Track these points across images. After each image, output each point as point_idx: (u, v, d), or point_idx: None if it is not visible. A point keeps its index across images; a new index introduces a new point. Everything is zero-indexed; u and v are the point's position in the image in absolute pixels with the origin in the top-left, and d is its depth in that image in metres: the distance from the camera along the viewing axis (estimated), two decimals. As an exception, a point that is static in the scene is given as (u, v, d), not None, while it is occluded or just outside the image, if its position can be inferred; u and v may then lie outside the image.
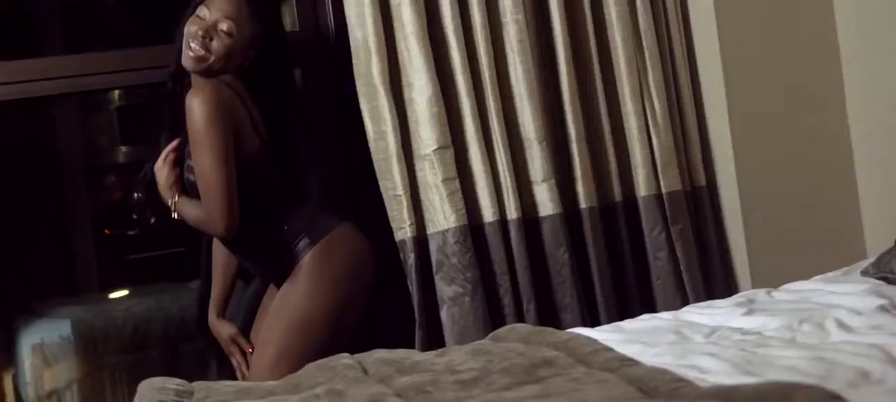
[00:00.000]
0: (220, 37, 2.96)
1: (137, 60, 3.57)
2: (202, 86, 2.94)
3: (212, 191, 2.91)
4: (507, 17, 3.33)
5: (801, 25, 3.54)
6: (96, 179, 5.61)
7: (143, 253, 5.51)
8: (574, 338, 2.27)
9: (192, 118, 2.90)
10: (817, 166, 3.55)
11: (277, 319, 3.02)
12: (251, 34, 3.01)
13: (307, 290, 2.99)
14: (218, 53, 2.96)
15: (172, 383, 2.31)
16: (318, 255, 3.01)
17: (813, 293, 2.57)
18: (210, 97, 2.90)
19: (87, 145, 5.55)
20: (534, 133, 3.33)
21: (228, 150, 2.93)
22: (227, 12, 2.97)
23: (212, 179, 2.91)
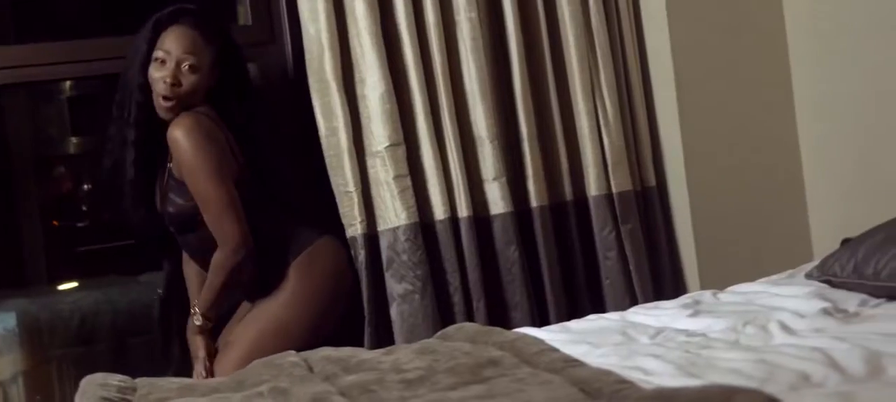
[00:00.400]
0: (186, 75, 2.99)
1: (89, 51, 3.54)
2: (182, 117, 2.97)
3: (221, 212, 2.97)
4: (461, 15, 3.33)
5: (752, 28, 3.57)
6: (46, 169, 5.55)
7: (92, 245, 5.45)
8: (520, 338, 2.27)
9: (180, 149, 2.95)
10: (766, 169, 3.58)
11: (252, 324, 3.07)
12: (210, 59, 3.04)
13: (286, 299, 3.06)
14: (187, 92, 2.99)
15: (115, 379, 2.29)
16: (299, 267, 3.08)
17: (758, 295, 2.59)
18: (193, 126, 2.95)
19: (37, 136, 5.48)
20: (486, 131, 3.33)
21: (223, 168, 2.98)
22: (186, 48, 3.00)
23: (218, 201, 2.97)
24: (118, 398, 2.18)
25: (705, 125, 3.51)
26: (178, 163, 2.99)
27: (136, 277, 4.92)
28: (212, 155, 2.96)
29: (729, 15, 3.55)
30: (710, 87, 3.52)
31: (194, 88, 3.01)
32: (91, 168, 5.65)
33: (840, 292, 2.46)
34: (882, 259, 2.35)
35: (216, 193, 2.96)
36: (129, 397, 2.20)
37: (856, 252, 2.44)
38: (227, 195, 2.98)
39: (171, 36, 3.02)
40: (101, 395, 2.17)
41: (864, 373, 1.81)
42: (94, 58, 3.53)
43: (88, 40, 3.60)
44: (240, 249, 3.00)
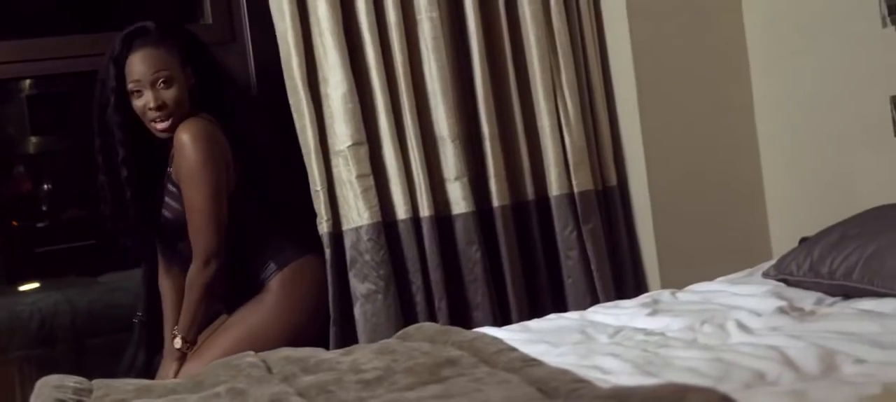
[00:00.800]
0: (164, 91, 3.02)
1: (48, 49, 3.52)
2: (192, 122, 3.01)
3: (205, 224, 3.01)
4: (422, 14, 3.32)
5: (712, 29, 3.59)
6: (4, 169, 5.50)
7: (51, 246, 5.41)
8: (479, 338, 2.27)
9: (185, 154, 2.98)
10: (726, 169, 3.60)
11: (228, 330, 3.09)
12: (179, 63, 3.07)
13: (264, 310, 3.10)
14: (173, 106, 3.02)
15: (71, 380, 2.27)
16: (283, 281, 3.13)
17: (716, 294, 2.60)
18: (200, 133, 2.99)
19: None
20: (447, 131, 3.33)
21: (221, 186, 3.02)
22: (154, 67, 3.02)
23: (206, 213, 3.00)
24: (73, 400, 2.16)
25: (666, 125, 3.53)
26: (179, 165, 3.02)
27: (95, 277, 4.88)
28: (213, 168, 3.01)
29: (689, 15, 3.56)
30: (671, 87, 3.54)
31: (178, 99, 3.04)
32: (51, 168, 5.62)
33: (796, 291, 2.48)
34: (837, 258, 2.37)
35: (207, 205, 3.00)
36: (84, 398, 2.19)
37: (812, 251, 2.46)
38: (217, 211, 3.02)
39: (135, 63, 3.03)
40: (57, 397, 2.15)
41: (818, 371, 1.83)
42: (54, 56, 3.51)
43: (48, 38, 3.58)
44: (211, 261, 3.03)
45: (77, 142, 5.64)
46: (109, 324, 4.26)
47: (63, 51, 3.50)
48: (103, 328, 4.24)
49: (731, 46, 3.60)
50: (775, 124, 3.56)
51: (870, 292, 2.27)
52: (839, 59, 3.26)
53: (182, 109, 3.06)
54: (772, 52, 3.53)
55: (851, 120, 3.25)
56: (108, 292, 4.41)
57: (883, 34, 3.06)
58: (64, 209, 5.58)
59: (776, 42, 3.51)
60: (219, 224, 3.03)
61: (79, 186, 5.69)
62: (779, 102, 3.53)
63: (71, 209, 5.61)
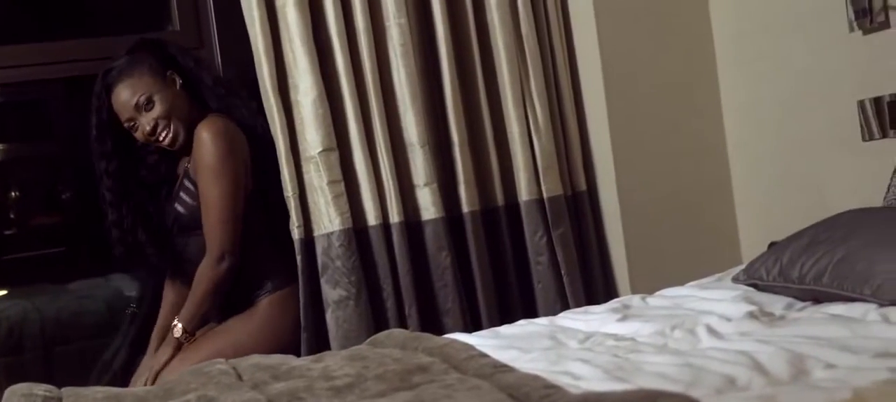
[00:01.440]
0: (153, 110, 3.09)
1: (18, 56, 3.50)
2: (212, 119, 3.07)
3: (222, 220, 3.05)
4: (390, 20, 3.32)
5: (679, 32, 3.61)
6: (-28, 177, 5.48)
7: (20, 253, 5.37)
8: (450, 344, 2.27)
9: (204, 150, 3.04)
10: (695, 173, 3.62)
11: (212, 342, 3.11)
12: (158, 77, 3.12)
13: (251, 330, 3.12)
14: (164, 118, 3.10)
15: (40, 389, 2.25)
16: (276, 302, 3.17)
17: (686, 299, 2.61)
18: (221, 130, 3.05)
19: (-37, 143, 5.42)
20: (416, 137, 3.33)
21: (238, 183, 3.07)
22: (134, 94, 3.09)
23: (223, 209, 3.05)
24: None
25: (634, 130, 3.54)
26: (198, 160, 3.07)
27: (64, 285, 4.85)
28: (232, 165, 3.06)
29: (656, 19, 3.58)
30: (639, 91, 3.55)
31: (166, 111, 3.10)
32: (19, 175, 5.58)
33: (766, 296, 2.49)
34: (807, 262, 2.37)
35: (224, 201, 3.05)
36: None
37: (781, 256, 2.47)
38: (233, 208, 3.07)
39: (117, 102, 3.12)
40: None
41: (788, 376, 1.83)
42: (23, 63, 3.49)
43: (17, 45, 3.56)
44: (225, 257, 3.07)
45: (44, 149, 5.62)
46: (78, 332, 4.24)
47: (32, 58, 3.49)
48: (72, 336, 4.22)
49: (699, 51, 3.62)
50: (744, 129, 3.58)
51: (839, 297, 2.28)
52: (807, 63, 3.28)
53: (179, 114, 3.12)
54: (740, 57, 3.55)
55: (820, 124, 3.27)
56: (77, 300, 4.39)
57: (850, 38, 3.09)
58: (32, 216, 5.55)
59: (744, 46, 3.53)
60: (234, 222, 3.07)
61: (47, 194, 5.67)
62: (747, 106, 3.55)
63: (39, 216, 5.58)
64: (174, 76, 3.16)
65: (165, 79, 3.13)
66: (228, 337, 3.08)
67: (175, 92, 3.14)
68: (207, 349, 3.03)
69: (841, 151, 3.21)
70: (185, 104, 3.15)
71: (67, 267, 5.17)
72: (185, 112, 3.14)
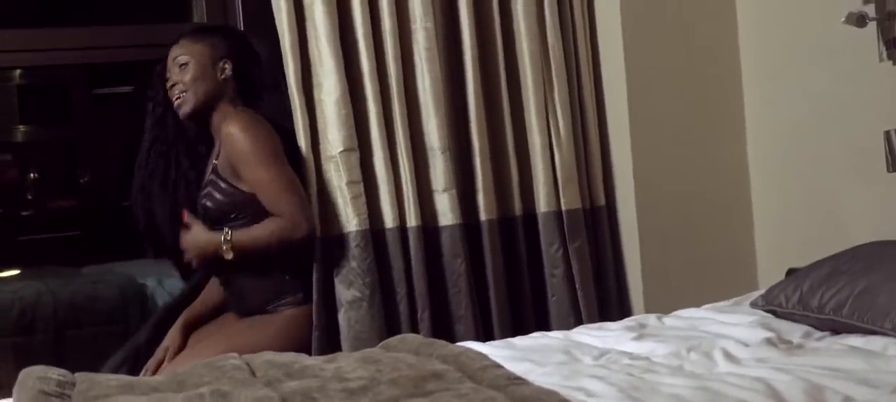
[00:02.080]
0: (180, 71, 3.16)
1: (43, 41, 3.51)
2: (237, 115, 3.12)
3: (283, 193, 3.07)
4: (417, 23, 3.32)
5: (706, 52, 3.59)
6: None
7: (35, 235, 5.40)
8: (464, 352, 2.26)
9: (235, 143, 3.08)
10: (715, 194, 3.60)
11: (227, 339, 3.09)
12: (209, 51, 3.19)
13: (272, 336, 3.08)
14: (186, 84, 3.15)
15: (54, 372, 2.25)
16: (299, 316, 3.16)
17: (702, 322, 2.60)
18: (248, 123, 3.09)
19: (-17, 122, 5.44)
20: (438, 142, 3.32)
21: (283, 158, 3.10)
22: (177, 53, 3.19)
23: (278, 184, 3.08)
24: (57, 393, 2.15)
25: (656, 147, 3.53)
26: (232, 155, 3.09)
27: (78, 269, 4.87)
28: (270, 146, 3.09)
29: (684, 37, 3.57)
30: (663, 109, 3.54)
31: (192, 78, 3.15)
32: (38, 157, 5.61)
33: (784, 323, 2.48)
34: (827, 293, 2.37)
35: (276, 176, 3.07)
36: (67, 391, 2.17)
37: (801, 284, 2.46)
38: (287, 175, 3.09)
39: (169, 54, 3.22)
40: (40, 388, 2.14)
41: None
42: (47, 48, 3.50)
43: (40, 29, 3.58)
44: (300, 225, 3.08)
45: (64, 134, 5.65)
46: (91, 317, 4.24)
47: (54, 43, 3.50)
48: (85, 321, 4.22)
49: (725, 71, 3.60)
50: (766, 152, 3.56)
51: (859, 329, 2.27)
52: (834, 90, 3.26)
53: (205, 92, 3.16)
54: (766, 79, 3.53)
55: (843, 152, 3.25)
56: (90, 285, 4.40)
57: (879, 68, 3.07)
58: (50, 199, 5.58)
59: (771, 69, 3.51)
60: (296, 189, 3.10)
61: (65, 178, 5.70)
62: (771, 129, 3.54)
63: (56, 200, 5.61)
64: (226, 65, 3.20)
65: (214, 61, 3.19)
66: (242, 339, 3.07)
67: (215, 76, 3.18)
68: (221, 345, 3.03)
69: (864, 182, 3.19)
70: (217, 89, 3.18)
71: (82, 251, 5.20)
72: (212, 94, 3.17)
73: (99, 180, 5.52)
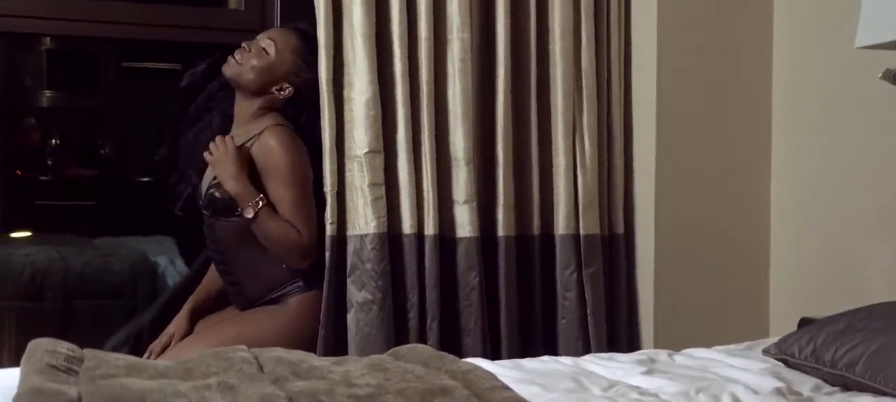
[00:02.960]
0: (258, 53, 3.16)
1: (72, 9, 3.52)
2: (279, 129, 3.13)
3: (305, 221, 3.11)
4: (454, 34, 3.32)
5: (739, 92, 3.58)
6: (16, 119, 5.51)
7: (51, 200, 5.41)
8: (473, 370, 2.25)
9: (271, 155, 3.10)
10: (734, 236, 3.59)
11: (233, 327, 3.12)
12: (292, 66, 3.20)
13: (282, 324, 3.13)
14: (250, 65, 3.15)
15: (63, 347, 2.25)
16: (306, 302, 3.17)
17: (713, 363, 2.58)
18: (289, 141, 3.12)
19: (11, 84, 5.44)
20: (463, 153, 3.32)
21: (309, 185, 3.15)
22: (271, 34, 3.22)
23: (303, 210, 3.11)
24: (64, 367, 2.14)
25: (680, 181, 3.52)
26: (265, 166, 3.11)
27: (91, 239, 4.87)
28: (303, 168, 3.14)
29: (717, 76, 3.56)
30: (691, 144, 3.53)
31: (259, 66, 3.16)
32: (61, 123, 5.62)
33: (795, 374, 2.46)
34: (841, 348, 2.35)
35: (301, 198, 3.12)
36: (75, 367, 2.17)
37: (816, 336, 2.45)
38: (310, 205, 3.15)
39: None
40: (48, 362, 2.13)
41: (811, 461, 1.81)
42: (77, 18, 3.51)
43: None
44: (308, 254, 3.13)
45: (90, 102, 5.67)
46: (100, 289, 4.24)
47: (84, 14, 3.51)
48: (93, 292, 4.22)
49: (756, 113, 3.59)
50: (790, 199, 3.55)
51: (871, 388, 2.26)
52: (863, 145, 3.25)
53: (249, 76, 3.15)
54: (796, 128, 3.52)
55: (867, 209, 3.24)
56: (102, 257, 4.40)
57: (911, 127, 3.06)
58: (69, 167, 5.59)
59: (801, 115, 3.51)
60: (313, 221, 3.13)
61: (86, 147, 5.72)
62: (796, 177, 3.52)
63: (75, 168, 5.62)
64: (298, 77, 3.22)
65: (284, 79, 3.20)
66: (251, 327, 3.08)
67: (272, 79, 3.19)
68: (229, 333, 3.03)
69: (883, 237, 3.18)
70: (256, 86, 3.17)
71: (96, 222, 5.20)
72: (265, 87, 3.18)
73: (120, 153, 5.53)
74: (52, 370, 2.11)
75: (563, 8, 3.40)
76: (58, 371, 2.11)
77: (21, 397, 1.90)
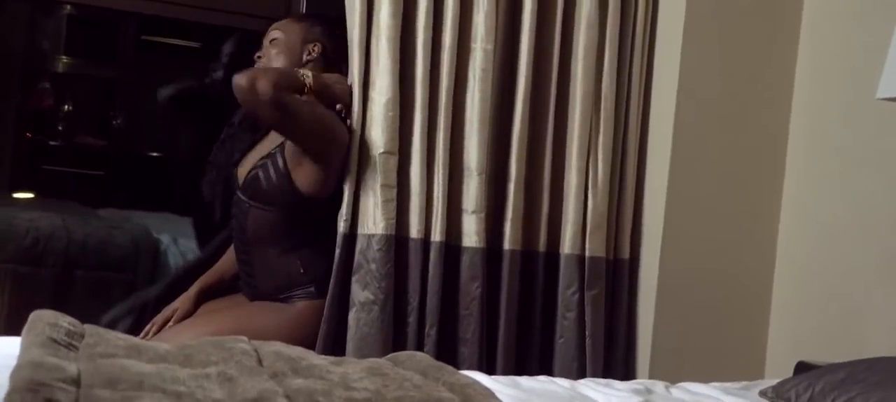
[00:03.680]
0: (269, 46, 3.27)
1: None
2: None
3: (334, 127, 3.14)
4: (477, 43, 3.31)
5: (756, 131, 3.57)
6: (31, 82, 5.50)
7: (59, 166, 5.40)
8: (472, 385, 2.25)
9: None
10: (737, 274, 3.58)
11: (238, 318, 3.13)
12: (301, 30, 3.29)
13: (284, 326, 3.12)
14: (270, 58, 3.26)
15: (65, 320, 2.25)
16: (313, 309, 3.17)
17: (709, 400, 2.58)
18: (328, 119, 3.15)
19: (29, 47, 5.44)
20: (476, 163, 3.32)
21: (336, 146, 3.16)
22: (271, 33, 3.31)
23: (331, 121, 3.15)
24: (65, 342, 2.14)
25: (689, 214, 3.52)
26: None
27: (95, 209, 4.87)
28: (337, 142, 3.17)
29: (737, 112, 3.55)
30: (703, 178, 3.53)
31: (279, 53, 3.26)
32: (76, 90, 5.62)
33: (790, 419, 2.47)
34: (839, 398, 2.35)
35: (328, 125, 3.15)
36: (75, 342, 2.17)
37: (814, 384, 2.45)
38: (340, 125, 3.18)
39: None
40: (50, 335, 2.13)
41: None
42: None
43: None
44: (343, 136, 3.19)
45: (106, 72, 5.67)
46: (101, 261, 4.23)
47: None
48: (94, 263, 4.21)
49: (771, 153, 3.59)
50: (797, 241, 3.55)
51: (865, 442, 2.27)
52: (874, 196, 3.25)
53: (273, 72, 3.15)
54: (809, 170, 3.52)
55: (873, 259, 3.24)
56: (105, 229, 4.38)
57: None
58: (80, 134, 5.58)
59: (816, 160, 3.50)
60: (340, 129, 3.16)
61: (99, 116, 5.71)
62: (805, 222, 3.52)
63: (86, 136, 5.61)
64: (315, 47, 3.30)
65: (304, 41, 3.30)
66: (253, 321, 3.08)
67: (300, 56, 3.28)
68: (230, 324, 3.03)
69: (886, 289, 3.17)
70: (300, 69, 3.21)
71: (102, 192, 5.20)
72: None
73: (131, 125, 5.53)
74: (53, 344, 2.10)
75: (589, 29, 3.40)
76: (58, 346, 2.11)
77: (21, 368, 1.90)
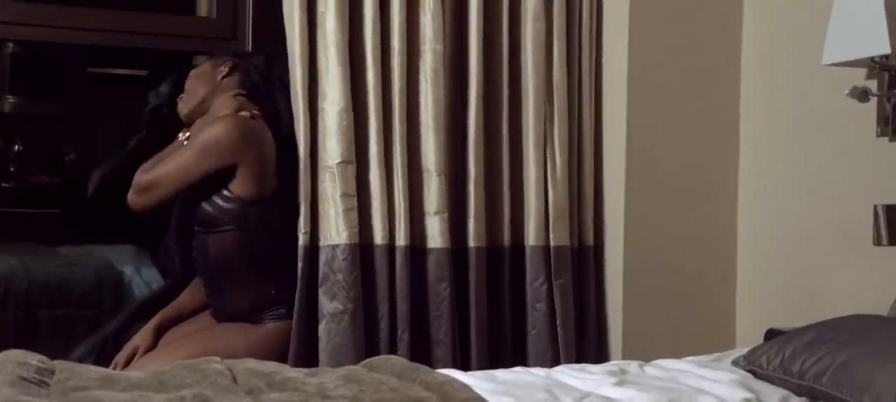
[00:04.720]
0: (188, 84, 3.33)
1: (38, 16, 3.50)
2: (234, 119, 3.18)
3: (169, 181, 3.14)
4: (426, 45, 3.33)
5: (708, 111, 3.61)
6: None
7: (13, 208, 5.33)
8: (448, 382, 2.26)
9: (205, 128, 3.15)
10: (702, 249, 3.61)
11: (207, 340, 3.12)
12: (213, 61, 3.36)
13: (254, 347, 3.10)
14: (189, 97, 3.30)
15: (34, 358, 2.24)
16: (283, 331, 3.18)
17: (683, 374, 2.60)
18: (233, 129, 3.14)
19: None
20: (434, 164, 3.33)
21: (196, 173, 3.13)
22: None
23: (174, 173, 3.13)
24: (36, 379, 2.13)
25: (649, 196, 3.54)
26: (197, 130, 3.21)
27: (55, 248, 4.81)
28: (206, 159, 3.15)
29: (687, 94, 3.59)
30: (660, 159, 3.56)
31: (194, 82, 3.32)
32: (25, 129, 5.56)
33: (764, 385, 2.48)
34: (809, 359, 2.38)
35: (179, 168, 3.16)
36: (46, 379, 2.16)
37: (784, 348, 2.47)
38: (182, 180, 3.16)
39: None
40: (19, 374, 2.12)
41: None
42: (45, 24, 3.50)
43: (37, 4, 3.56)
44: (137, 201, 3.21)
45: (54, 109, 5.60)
46: (65, 299, 4.18)
47: (50, 20, 3.50)
48: (57, 302, 4.16)
49: (724, 132, 3.62)
50: (757, 214, 3.58)
51: (836, 399, 2.29)
52: (829, 162, 3.29)
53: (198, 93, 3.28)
54: (764, 144, 3.56)
55: (832, 224, 3.27)
56: (66, 266, 4.33)
57: (876, 143, 3.10)
58: (32, 173, 5.52)
59: (769, 136, 3.54)
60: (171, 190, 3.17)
61: (51, 153, 5.65)
62: (763, 193, 3.56)
63: (39, 175, 5.55)
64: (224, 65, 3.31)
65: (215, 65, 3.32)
66: (222, 343, 3.07)
67: (214, 78, 3.29)
68: (199, 346, 3.02)
69: (849, 254, 3.21)
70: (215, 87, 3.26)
71: (60, 230, 5.14)
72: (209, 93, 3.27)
73: (85, 159, 5.47)
74: (24, 383, 2.09)
75: (535, 21, 3.42)
76: (29, 384, 2.10)
77: (-6, 409, 1.89)
